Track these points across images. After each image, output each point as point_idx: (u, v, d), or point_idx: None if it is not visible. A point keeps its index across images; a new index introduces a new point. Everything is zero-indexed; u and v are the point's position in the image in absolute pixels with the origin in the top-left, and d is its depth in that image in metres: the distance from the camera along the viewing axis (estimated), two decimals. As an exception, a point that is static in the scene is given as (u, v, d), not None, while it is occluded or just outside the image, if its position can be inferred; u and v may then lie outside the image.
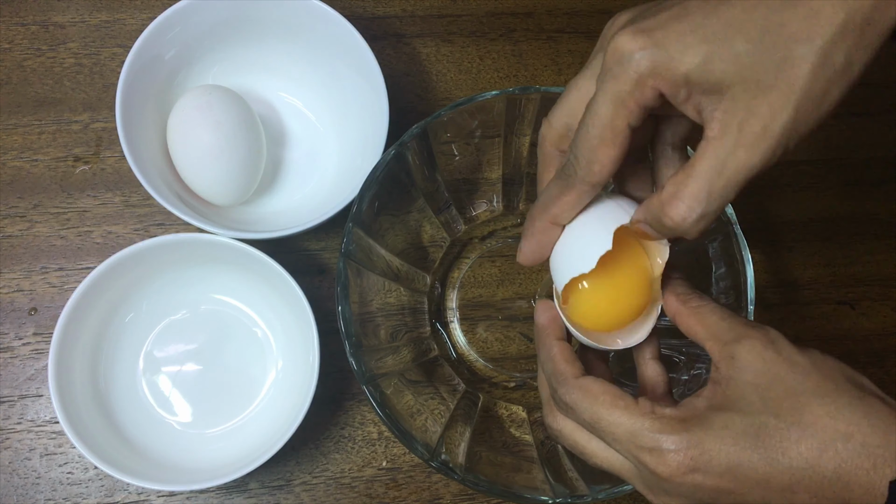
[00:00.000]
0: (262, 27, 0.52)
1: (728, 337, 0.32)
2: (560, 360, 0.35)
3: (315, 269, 0.54)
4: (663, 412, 0.31)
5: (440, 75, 0.58)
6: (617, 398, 0.32)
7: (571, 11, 0.60)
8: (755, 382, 0.31)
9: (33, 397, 0.50)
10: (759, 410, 0.30)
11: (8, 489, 0.48)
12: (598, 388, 0.33)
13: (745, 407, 0.30)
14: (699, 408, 0.31)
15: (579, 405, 0.33)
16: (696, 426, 0.30)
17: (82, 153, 0.54)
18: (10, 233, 0.52)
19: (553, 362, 0.35)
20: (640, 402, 0.32)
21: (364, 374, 0.43)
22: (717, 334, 0.33)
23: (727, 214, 0.45)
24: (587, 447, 0.34)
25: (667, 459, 0.30)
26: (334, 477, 0.50)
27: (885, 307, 0.57)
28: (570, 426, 0.35)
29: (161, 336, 0.50)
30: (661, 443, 0.30)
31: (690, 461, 0.30)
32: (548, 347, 0.36)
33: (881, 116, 0.61)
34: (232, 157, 0.48)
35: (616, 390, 0.33)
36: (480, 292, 0.54)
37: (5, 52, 0.55)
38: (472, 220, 0.55)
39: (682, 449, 0.30)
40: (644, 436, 0.31)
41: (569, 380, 0.34)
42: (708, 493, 0.30)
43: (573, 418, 0.34)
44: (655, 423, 0.31)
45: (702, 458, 0.30)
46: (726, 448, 0.30)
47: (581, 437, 0.34)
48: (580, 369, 0.34)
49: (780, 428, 0.29)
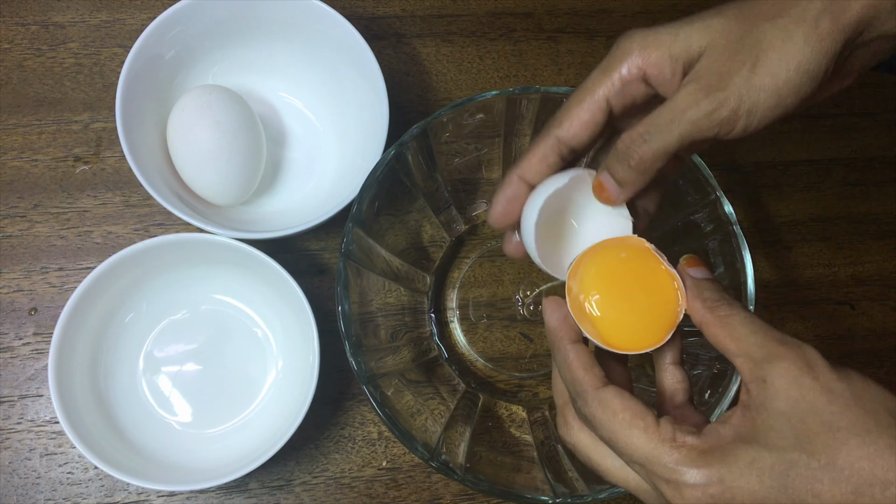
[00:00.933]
0: (262, 27, 0.52)
1: (760, 355, 0.30)
2: (577, 368, 0.32)
3: (315, 269, 0.54)
4: (685, 440, 0.29)
5: (440, 75, 0.58)
6: (637, 417, 0.30)
7: (571, 11, 0.60)
8: (788, 413, 0.28)
9: (33, 397, 0.50)
10: (790, 446, 0.28)
11: (8, 489, 0.48)
12: (618, 403, 0.31)
13: (776, 440, 0.28)
14: (725, 438, 0.29)
15: (597, 419, 0.31)
16: (719, 461, 0.28)
17: (82, 153, 0.54)
18: (10, 233, 0.52)
19: (570, 370, 0.33)
20: (661, 425, 0.30)
21: (364, 374, 0.43)
22: (749, 351, 0.30)
23: (727, 214, 0.45)
24: (602, 464, 0.33)
25: (684, 494, 0.28)
26: (334, 477, 0.50)
27: (885, 307, 0.57)
28: (585, 441, 0.33)
29: (161, 336, 0.50)
30: (681, 476, 0.28)
31: (710, 499, 0.28)
32: (563, 353, 0.33)
33: (881, 116, 0.61)
34: (232, 157, 0.48)
35: (637, 407, 0.30)
36: (480, 292, 0.54)
37: (5, 52, 0.55)
38: (472, 220, 0.55)
39: (701, 485, 0.28)
40: (662, 465, 0.29)
41: (587, 391, 0.32)
42: None
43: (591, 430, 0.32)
44: (675, 454, 0.29)
45: (723, 497, 0.28)
46: (751, 487, 0.27)
47: (596, 454, 0.33)
48: (600, 377, 0.32)
49: (811, 468, 0.27)
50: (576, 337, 0.34)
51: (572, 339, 0.34)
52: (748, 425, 0.29)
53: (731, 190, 0.46)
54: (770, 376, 0.29)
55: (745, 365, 0.30)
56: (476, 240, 0.55)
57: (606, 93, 0.34)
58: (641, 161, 0.33)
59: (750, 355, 0.30)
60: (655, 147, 0.33)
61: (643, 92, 0.34)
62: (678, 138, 0.32)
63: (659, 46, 0.33)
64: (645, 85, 0.34)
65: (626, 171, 0.34)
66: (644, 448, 0.29)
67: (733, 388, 0.42)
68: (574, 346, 0.33)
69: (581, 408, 0.32)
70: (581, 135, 0.35)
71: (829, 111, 0.61)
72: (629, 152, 0.33)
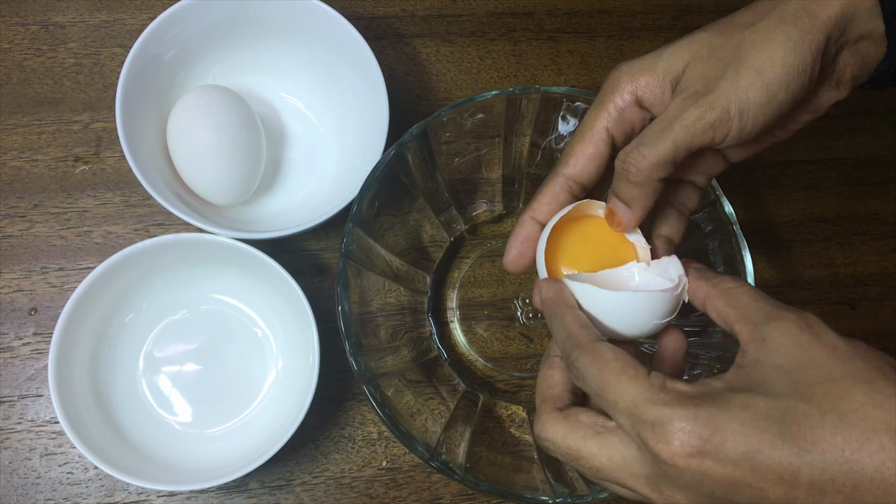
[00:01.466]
0: (262, 27, 0.52)
1: (760, 318, 0.29)
2: (573, 324, 0.32)
3: (315, 269, 0.54)
4: (674, 386, 0.28)
5: (440, 75, 0.58)
6: (628, 366, 0.29)
7: (571, 11, 0.60)
8: (786, 366, 0.27)
9: (33, 397, 0.50)
10: (787, 394, 0.26)
11: (8, 489, 0.48)
12: (610, 354, 0.30)
13: (771, 390, 0.26)
14: (716, 388, 0.27)
15: (588, 370, 0.30)
16: (710, 403, 0.26)
17: (82, 153, 0.54)
18: (10, 233, 0.52)
19: (566, 328, 0.32)
20: (652, 375, 0.29)
21: (364, 374, 0.43)
22: (749, 316, 0.29)
23: (727, 214, 0.45)
24: (581, 450, 0.30)
25: (669, 436, 0.26)
26: (334, 477, 0.50)
27: (885, 307, 0.57)
28: (561, 431, 0.31)
29: (161, 336, 0.51)
30: (667, 416, 0.26)
31: (698, 441, 0.26)
32: (560, 316, 0.33)
33: (881, 116, 0.61)
34: (232, 157, 0.48)
35: (629, 359, 0.29)
36: (480, 292, 0.54)
37: (5, 52, 0.55)
38: (472, 220, 0.55)
39: (688, 425, 0.26)
40: (648, 408, 0.27)
41: (583, 343, 0.31)
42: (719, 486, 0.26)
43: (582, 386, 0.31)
44: (662, 395, 0.27)
45: (713, 440, 0.26)
46: (743, 429, 0.25)
47: (573, 440, 0.31)
48: (596, 335, 0.31)
49: (811, 414, 0.25)
50: (573, 303, 0.34)
51: (569, 304, 0.34)
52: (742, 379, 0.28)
53: (731, 190, 0.46)
54: (769, 334, 0.28)
55: (745, 328, 0.29)
56: (476, 240, 0.55)
57: (605, 124, 0.35)
58: (639, 172, 0.33)
59: (749, 319, 0.29)
60: (651, 156, 0.33)
61: (640, 117, 0.35)
62: (672, 145, 0.33)
63: (645, 70, 0.35)
64: (640, 109, 0.35)
65: (629, 188, 0.34)
66: (632, 392, 0.28)
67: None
68: (571, 309, 0.33)
69: (574, 360, 0.31)
70: (588, 169, 0.36)
71: (829, 111, 0.61)
72: (626, 166, 0.34)
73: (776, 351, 0.27)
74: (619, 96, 0.35)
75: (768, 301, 0.30)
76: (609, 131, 0.35)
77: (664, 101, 0.34)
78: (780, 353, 0.27)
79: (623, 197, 0.35)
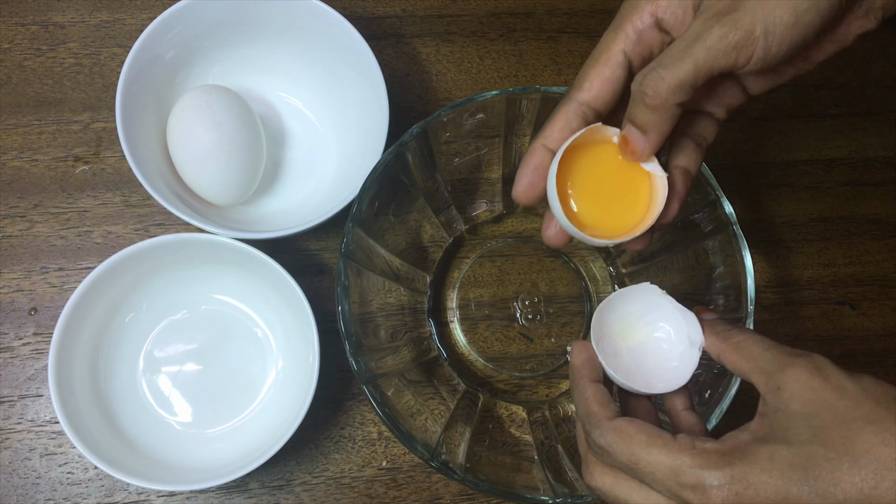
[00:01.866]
0: (262, 27, 0.52)
1: (773, 368, 0.31)
2: (593, 402, 0.33)
3: (315, 269, 0.54)
4: (704, 447, 0.30)
5: (440, 75, 0.58)
6: (654, 436, 0.31)
7: (571, 11, 0.60)
8: (803, 412, 0.29)
9: (33, 397, 0.50)
10: (807, 440, 0.28)
11: (8, 489, 0.48)
12: (633, 428, 0.31)
13: (793, 437, 0.29)
14: (743, 440, 0.30)
15: (615, 447, 0.31)
16: (740, 459, 0.29)
17: (82, 153, 0.54)
18: (10, 233, 0.52)
19: (586, 404, 0.34)
20: (678, 439, 0.30)
21: (364, 374, 0.43)
22: (762, 366, 0.31)
23: (727, 214, 0.45)
24: (629, 500, 0.32)
25: (710, 496, 0.29)
26: (334, 477, 0.50)
27: (885, 307, 0.57)
28: (609, 482, 0.33)
29: (161, 336, 0.50)
30: (704, 479, 0.29)
31: (735, 496, 0.28)
32: (581, 389, 0.34)
33: (881, 116, 0.61)
34: (232, 157, 0.48)
35: (652, 429, 0.31)
36: (480, 292, 0.54)
37: (5, 52, 0.55)
38: (472, 220, 0.55)
39: (725, 484, 0.28)
40: (685, 472, 0.29)
41: (602, 422, 0.32)
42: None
43: (609, 462, 0.32)
44: (696, 459, 0.29)
45: (747, 493, 0.28)
46: (773, 481, 0.28)
47: (622, 491, 0.33)
48: (614, 411, 0.33)
49: (830, 458, 0.27)
50: (597, 377, 0.35)
51: (593, 378, 0.35)
52: (765, 428, 0.30)
53: (731, 190, 0.46)
54: (783, 383, 0.30)
55: (760, 379, 0.31)
56: (476, 240, 0.55)
57: (622, 46, 0.33)
58: (657, 95, 0.31)
59: (763, 370, 0.31)
60: (670, 79, 0.31)
61: (659, 40, 0.33)
62: (693, 66, 0.31)
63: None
64: (660, 32, 0.33)
65: (645, 112, 0.32)
66: (666, 461, 0.30)
67: (733, 388, 0.42)
68: (593, 384, 0.34)
69: (596, 439, 0.32)
70: (603, 94, 0.34)
71: (829, 111, 0.61)
72: (643, 88, 0.32)
73: (792, 398, 0.29)
74: (639, 17, 0.33)
75: (778, 349, 0.31)
76: (626, 54, 0.33)
77: (685, 23, 0.33)
78: (796, 400, 0.29)
79: (638, 122, 0.33)
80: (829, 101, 0.61)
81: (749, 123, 0.60)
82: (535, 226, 0.55)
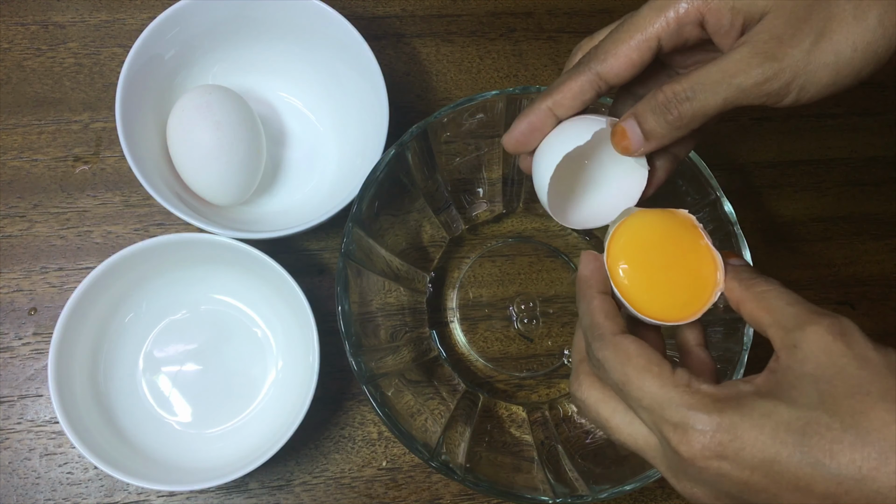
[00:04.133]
0: (262, 27, 0.52)
1: (793, 324, 0.28)
2: (599, 313, 0.32)
3: (315, 269, 0.54)
4: (699, 387, 0.28)
5: (440, 75, 0.58)
6: (652, 363, 0.29)
7: (571, 11, 0.60)
8: (815, 374, 0.27)
9: (33, 397, 0.50)
10: (812, 404, 0.26)
11: (8, 489, 0.48)
12: (634, 348, 0.30)
13: (798, 398, 0.26)
14: (743, 391, 0.28)
15: (610, 363, 0.30)
16: (733, 409, 0.27)
17: (82, 153, 0.54)
18: (10, 233, 0.52)
19: (591, 315, 0.32)
20: (677, 372, 0.29)
21: (364, 374, 0.43)
22: (782, 321, 0.29)
23: (727, 214, 0.45)
24: (610, 421, 0.31)
25: (691, 439, 0.27)
26: (334, 477, 0.50)
27: (885, 307, 0.57)
28: (595, 396, 0.32)
29: (161, 336, 0.50)
30: (689, 419, 0.27)
31: (717, 446, 0.26)
32: (588, 299, 0.33)
33: (881, 116, 0.61)
34: (232, 157, 0.48)
35: (653, 354, 0.29)
36: (480, 292, 0.54)
37: (5, 52, 0.55)
38: (472, 220, 0.55)
39: (709, 430, 0.27)
40: (671, 408, 0.28)
41: (605, 335, 0.31)
42: (735, 487, 0.27)
43: (603, 377, 0.31)
44: (686, 397, 0.28)
45: (732, 445, 0.26)
46: (763, 438, 0.26)
47: (605, 410, 0.31)
48: (620, 326, 0.31)
49: (832, 427, 0.25)
50: (604, 288, 0.33)
51: (600, 289, 0.33)
52: (771, 384, 0.28)
53: (731, 190, 0.46)
54: (801, 342, 0.27)
55: (777, 333, 0.29)
56: (476, 240, 0.55)
57: (659, 32, 0.32)
58: (680, 117, 0.32)
59: (783, 324, 0.29)
60: (697, 106, 0.31)
61: (696, 36, 0.33)
62: (723, 101, 0.31)
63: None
64: (700, 29, 0.32)
65: (660, 124, 0.32)
66: (655, 391, 0.28)
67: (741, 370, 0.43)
68: (600, 294, 0.33)
69: (595, 351, 0.31)
70: (624, 73, 0.33)
71: (829, 111, 0.61)
72: (669, 106, 0.32)
73: (806, 359, 0.27)
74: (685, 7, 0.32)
75: (802, 305, 0.29)
76: (661, 41, 0.32)
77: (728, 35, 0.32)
78: (810, 361, 0.27)
79: (647, 128, 0.33)
80: (829, 101, 0.61)
81: (749, 123, 0.60)
82: (536, 226, 0.55)
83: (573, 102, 0.34)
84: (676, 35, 0.32)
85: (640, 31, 0.32)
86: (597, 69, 0.33)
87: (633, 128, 0.33)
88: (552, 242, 0.55)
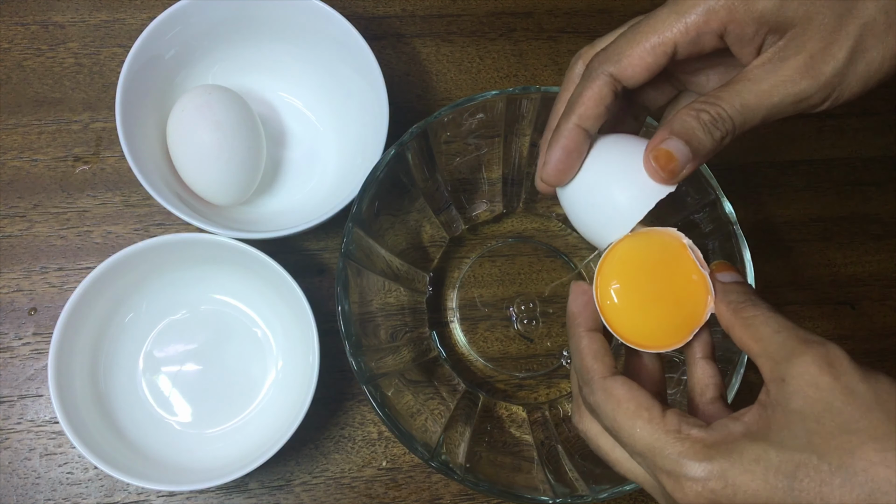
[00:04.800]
0: (262, 27, 0.52)
1: (781, 355, 0.28)
2: (587, 356, 0.31)
3: (315, 269, 0.54)
4: (690, 433, 0.28)
5: (440, 75, 0.58)
6: (642, 408, 0.29)
7: (571, 11, 0.60)
8: (803, 412, 0.26)
9: (33, 397, 0.50)
10: (801, 446, 0.26)
11: (8, 489, 0.48)
12: (623, 392, 0.30)
13: (786, 440, 0.26)
14: (733, 433, 0.28)
15: (601, 409, 0.30)
16: (724, 455, 0.27)
17: (82, 153, 0.54)
18: (9, 233, 0.52)
19: (581, 357, 0.32)
20: (667, 417, 0.29)
21: (364, 374, 0.43)
22: (770, 350, 0.28)
23: (727, 214, 0.45)
24: (611, 454, 0.32)
25: (684, 487, 0.27)
26: (334, 477, 0.50)
27: (885, 307, 0.57)
28: (595, 430, 0.32)
29: (161, 336, 0.50)
30: (682, 468, 0.27)
31: (711, 493, 0.27)
32: (576, 340, 0.32)
33: (881, 116, 0.61)
34: (232, 157, 0.48)
35: (643, 398, 0.29)
36: (480, 292, 0.54)
37: (5, 52, 0.55)
38: (472, 220, 0.55)
39: (701, 479, 0.27)
40: (664, 456, 0.28)
41: (594, 379, 0.31)
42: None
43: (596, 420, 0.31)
44: (677, 445, 0.28)
45: (724, 492, 0.26)
46: (754, 485, 0.26)
47: (605, 443, 0.32)
48: (609, 367, 0.31)
49: (822, 470, 0.25)
50: (593, 325, 0.33)
51: (589, 326, 0.32)
52: (761, 423, 0.27)
53: (731, 190, 0.46)
54: (788, 375, 0.27)
55: (766, 365, 0.28)
56: (476, 240, 0.55)
57: (677, 38, 0.31)
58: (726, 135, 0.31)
59: (771, 355, 0.28)
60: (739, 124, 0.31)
61: (713, 45, 0.32)
62: (762, 120, 0.31)
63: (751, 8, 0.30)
64: (720, 40, 0.32)
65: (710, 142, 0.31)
66: (646, 439, 0.28)
67: (735, 383, 0.42)
68: (589, 333, 0.32)
69: (587, 396, 0.31)
70: (639, 77, 0.32)
71: (829, 111, 0.61)
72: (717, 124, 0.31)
73: (795, 394, 0.27)
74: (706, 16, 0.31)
75: (790, 332, 0.28)
76: (677, 47, 0.31)
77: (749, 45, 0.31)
78: (799, 397, 0.27)
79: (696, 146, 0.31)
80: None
81: (749, 123, 0.60)
82: (535, 226, 0.55)
83: (597, 111, 0.33)
84: (694, 43, 0.31)
85: (657, 33, 0.31)
86: (610, 71, 0.32)
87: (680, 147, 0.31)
88: (552, 242, 0.55)
